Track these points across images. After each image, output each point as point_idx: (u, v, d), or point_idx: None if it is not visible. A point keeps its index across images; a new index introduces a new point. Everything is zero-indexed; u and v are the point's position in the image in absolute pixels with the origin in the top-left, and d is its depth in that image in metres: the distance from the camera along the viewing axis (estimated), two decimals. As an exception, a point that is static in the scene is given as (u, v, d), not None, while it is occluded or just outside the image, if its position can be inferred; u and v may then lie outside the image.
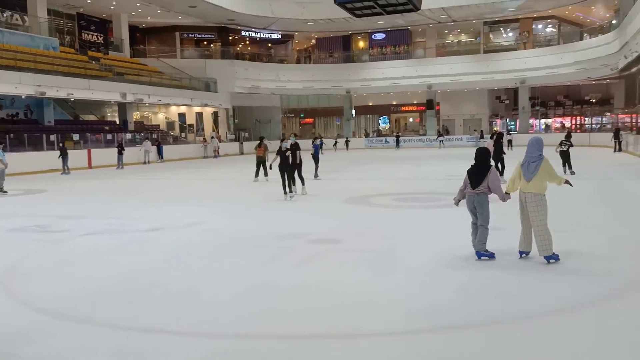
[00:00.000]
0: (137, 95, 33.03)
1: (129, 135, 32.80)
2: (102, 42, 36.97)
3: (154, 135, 34.76)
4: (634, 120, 33.21)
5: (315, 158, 17.98)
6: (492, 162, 7.85)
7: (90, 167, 27.34)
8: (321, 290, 5.77)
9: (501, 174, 15.32)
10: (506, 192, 6.81)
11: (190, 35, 44.84)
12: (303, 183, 13.99)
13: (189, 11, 37.21)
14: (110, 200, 14.56)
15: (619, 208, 10.86)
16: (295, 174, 13.56)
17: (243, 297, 5.63)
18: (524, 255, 6.72)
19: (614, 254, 6.99)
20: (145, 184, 19.16)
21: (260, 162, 17.45)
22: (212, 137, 37.41)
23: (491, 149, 15.53)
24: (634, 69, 32.25)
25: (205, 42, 45.52)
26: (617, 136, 29.03)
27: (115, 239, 8.90)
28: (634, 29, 26.63)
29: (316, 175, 17.70)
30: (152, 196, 15.28)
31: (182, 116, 41.92)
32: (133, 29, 41.42)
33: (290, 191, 13.20)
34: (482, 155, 6.86)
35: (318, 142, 20.07)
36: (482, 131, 42.04)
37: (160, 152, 32.12)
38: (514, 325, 4.69)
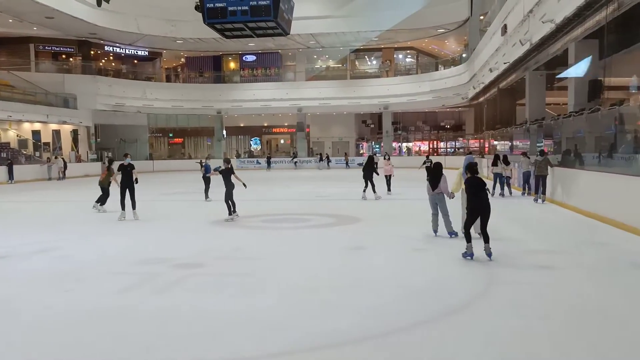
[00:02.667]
0: (-18, 110, 30.02)
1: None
2: (-59, 50, 33.19)
3: (3, 154, 31.69)
4: (481, 145, 36.57)
5: (206, 179, 17.47)
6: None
7: None
8: (181, 317, 5.58)
9: (374, 190, 16.42)
10: (452, 192, 9.62)
11: (47, 47, 41.73)
12: (134, 207, 13.13)
13: (45, 22, 34.68)
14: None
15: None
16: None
17: (98, 328, 5.28)
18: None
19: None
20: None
21: (102, 187, 14.95)
22: (56, 157, 34.53)
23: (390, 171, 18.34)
24: (481, 99, 35.61)
25: (64, 56, 42.62)
26: (469, 159, 31.78)
27: (-52, 270, 7.93)
28: (480, 62, 29.46)
29: (207, 197, 17.32)
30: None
31: (36, 134, 38.71)
32: (-21, 38, 37.78)
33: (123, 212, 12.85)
34: (437, 169, 9.93)
35: (209, 162, 19.60)
36: (321, 154, 45.16)
37: (10, 173, 29.34)
38: (368, 342, 4.87)
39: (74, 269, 7.88)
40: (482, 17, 32.39)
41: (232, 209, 12.80)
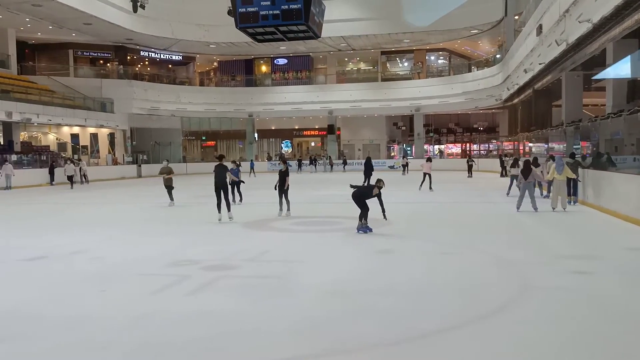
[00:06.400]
0: (24, 115, 30.91)
1: (14, 157, 30.55)
2: (-14, 57, 34.39)
3: (43, 157, 32.60)
4: (515, 147, 35.90)
5: (234, 183, 17.75)
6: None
7: (-33, 191, 25.10)
8: (213, 318, 5.64)
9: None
10: (546, 179, 14.48)
11: (85, 53, 42.93)
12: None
13: (83, 29, 35.66)
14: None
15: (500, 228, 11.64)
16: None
17: (132, 328, 5.39)
18: (555, 209, 13.74)
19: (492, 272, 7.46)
20: (30, 209, 17.89)
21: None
22: (71, 161, 32.18)
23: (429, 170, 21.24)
24: (515, 100, 35.00)
25: (101, 61, 43.75)
26: (502, 162, 31.23)
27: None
28: (515, 63, 28.97)
29: (240, 200, 17.48)
30: (36, 222, 14.28)
31: (75, 137, 39.78)
32: (21, 45, 38.90)
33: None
34: (528, 163, 13.94)
35: (240, 167, 19.78)
36: (311, 157, 45.21)
37: (52, 175, 30.20)
38: (396, 346, 4.84)
39: (108, 270, 8.06)
40: (516, 17, 31.88)
41: (286, 207, 13.89)
